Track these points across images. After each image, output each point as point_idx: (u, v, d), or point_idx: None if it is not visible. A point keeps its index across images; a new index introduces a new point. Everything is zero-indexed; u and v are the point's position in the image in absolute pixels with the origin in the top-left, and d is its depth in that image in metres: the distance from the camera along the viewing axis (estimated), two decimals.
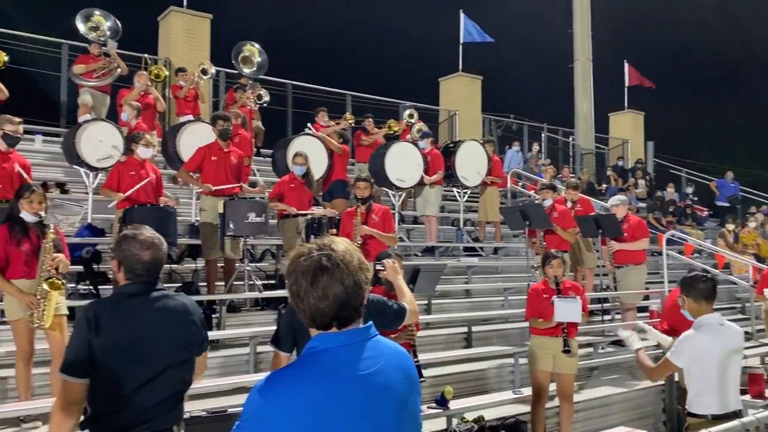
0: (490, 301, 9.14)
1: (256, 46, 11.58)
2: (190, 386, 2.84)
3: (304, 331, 3.22)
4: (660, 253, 10.35)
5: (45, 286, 4.53)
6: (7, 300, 4.71)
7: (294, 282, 1.81)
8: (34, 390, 4.80)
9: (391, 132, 11.82)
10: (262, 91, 11.28)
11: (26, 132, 7.45)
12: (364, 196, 6.72)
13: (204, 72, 11.04)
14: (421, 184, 9.97)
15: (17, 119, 6.40)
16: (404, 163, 9.76)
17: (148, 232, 2.74)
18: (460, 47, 16.79)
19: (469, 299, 9.26)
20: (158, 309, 2.68)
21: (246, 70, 11.37)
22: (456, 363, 6.91)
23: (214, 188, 7.17)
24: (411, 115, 13.01)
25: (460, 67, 17.00)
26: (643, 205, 15.69)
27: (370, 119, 11.76)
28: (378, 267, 3.93)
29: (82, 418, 2.66)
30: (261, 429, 1.69)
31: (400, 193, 10.05)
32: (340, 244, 1.84)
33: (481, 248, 10.67)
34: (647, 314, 9.07)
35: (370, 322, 1.87)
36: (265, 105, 11.51)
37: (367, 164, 10.22)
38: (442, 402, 5.32)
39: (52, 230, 4.67)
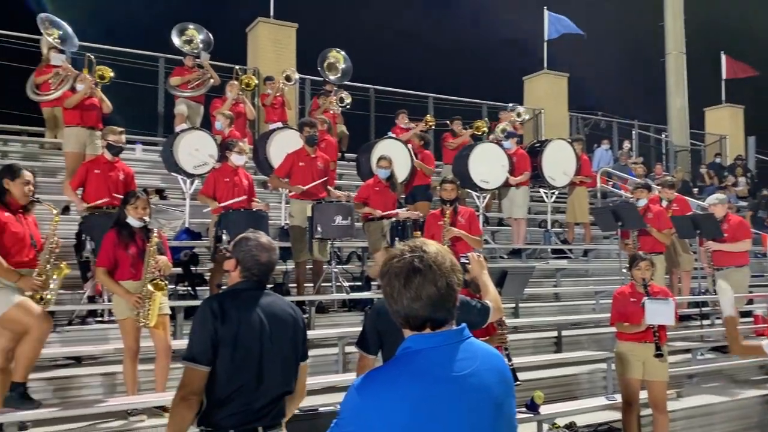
0: (580, 305, 8.90)
1: (342, 52, 11.78)
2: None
3: (389, 333, 3.28)
4: (765, 255, 9.74)
5: (150, 287, 4.80)
6: (115, 300, 5.02)
7: (387, 283, 1.83)
8: (140, 385, 5.08)
9: (479, 133, 11.68)
10: (344, 94, 11.44)
11: (128, 142, 7.91)
12: (450, 198, 6.71)
13: (288, 79, 11.33)
14: (506, 185, 9.84)
15: (119, 129, 6.80)
16: (489, 164, 9.66)
17: (264, 237, 2.91)
18: (545, 45, 16.44)
19: (558, 303, 9.04)
20: (271, 307, 2.82)
21: (331, 77, 11.58)
22: (545, 368, 6.78)
23: (305, 188, 7.37)
24: (519, 114, 12.73)
25: (545, 64, 16.65)
26: (743, 203, 14.79)
27: (458, 121, 11.62)
28: (463, 260, 3.91)
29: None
30: (358, 427, 1.72)
31: (484, 194, 9.96)
32: (432, 245, 1.85)
33: (570, 250, 10.40)
34: (751, 319, 8.55)
35: (464, 324, 1.88)
36: (347, 107, 11.66)
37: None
38: (532, 407, 5.22)
39: (155, 234, 4.95)
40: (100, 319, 6.30)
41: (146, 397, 4.95)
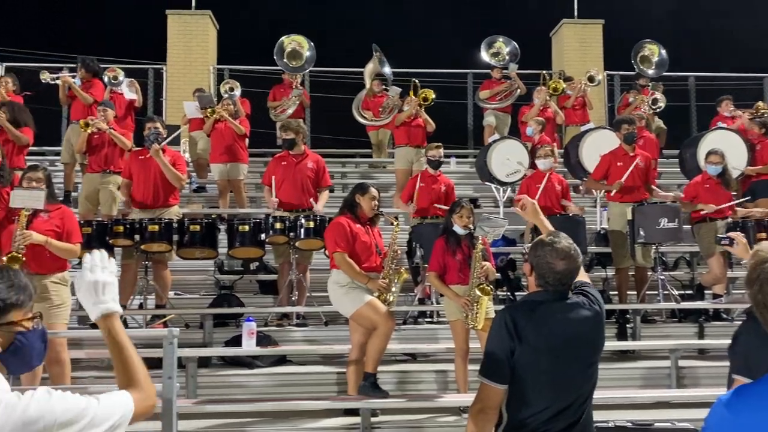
0: None
1: (657, 44, 10.99)
2: None
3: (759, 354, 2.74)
4: None
5: (477, 292, 5.06)
6: (446, 303, 5.40)
7: (758, 291, 1.67)
8: (470, 384, 5.36)
9: None
10: (658, 95, 10.50)
11: (444, 156, 8.49)
12: None
13: (591, 79, 10.92)
14: None
15: (435, 144, 7.48)
16: None
17: (565, 241, 2.67)
18: None
19: None
20: (572, 323, 2.61)
21: (648, 71, 10.86)
22: None
23: (622, 181, 7.00)
24: None
25: None
26: None
27: None
28: (724, 242, 3.28)
29: None
30: None
31: None
32: None
33: None
34: None
35: None
36: (659, 110, 10.68)
37: None
38: None
39: (480, 241, 5.21)
40: (429, 319, 6.83)
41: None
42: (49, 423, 1.53)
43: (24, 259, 4.72)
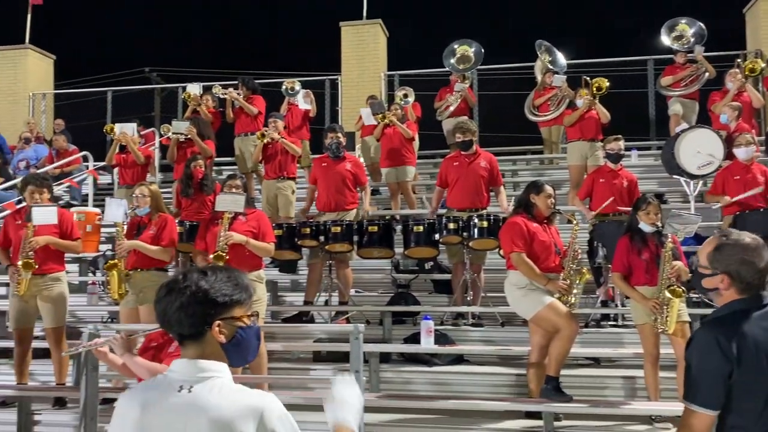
0: None
1: None
2: None
3: None
4: None
5: (666, 293, 4.71)
6: (632, 305, 5.09)
7: None
8: (661, 392, 5.01)
9: None
10: None
11: (625, 149, 8.00)
12: None
13: None
14: None
15: (613, 137, 7.10)
16: None
17: (746, 236, 2.37)
18: None
19: None
20: None
21: None
22: None
23: None
24: None
25: None
26: None
27: None
28: None
29: None
30: None
31: None
32: None
33: None
34: None
35: None
36: None
37: None
38: None
39: (669, 239, 4.85)
40: (613, 323, 6.48)
41: (669, 405, 4.82)
42: (264, 419, 1.73)
43: (227, 257, 5.21)
